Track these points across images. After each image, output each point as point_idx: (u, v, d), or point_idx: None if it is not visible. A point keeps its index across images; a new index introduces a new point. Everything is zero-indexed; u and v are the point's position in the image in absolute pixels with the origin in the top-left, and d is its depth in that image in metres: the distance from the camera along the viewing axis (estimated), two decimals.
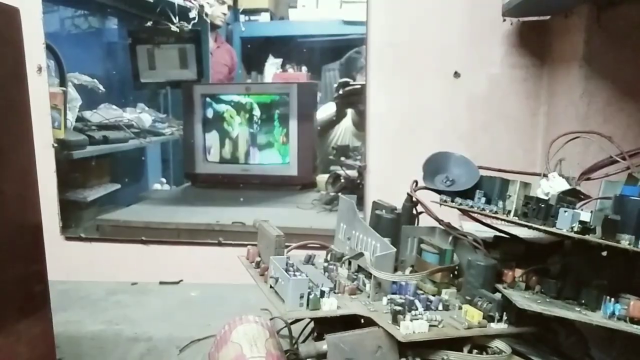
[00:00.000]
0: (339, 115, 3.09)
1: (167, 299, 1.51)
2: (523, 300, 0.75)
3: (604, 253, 0.79)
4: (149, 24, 3.13)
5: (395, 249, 0.85)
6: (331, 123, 3.04)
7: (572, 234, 0.69)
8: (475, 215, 0.93)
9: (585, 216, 0.68)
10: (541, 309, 0.71)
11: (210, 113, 2.72)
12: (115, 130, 2.59)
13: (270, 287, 0.85)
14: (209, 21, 3.43)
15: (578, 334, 0.84)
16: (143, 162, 3.40)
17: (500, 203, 0.87)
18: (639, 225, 0.70)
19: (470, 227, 1.09)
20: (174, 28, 3.15)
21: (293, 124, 2.61)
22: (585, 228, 0.69)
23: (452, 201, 0.94)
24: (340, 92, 2.89)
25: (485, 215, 0.88)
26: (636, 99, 1.36)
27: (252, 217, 2.13)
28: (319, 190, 2.51)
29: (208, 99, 2.72)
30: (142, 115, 3.11)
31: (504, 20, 1.53)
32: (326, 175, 2.47)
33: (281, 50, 4.71)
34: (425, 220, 1.06)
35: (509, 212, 0.83)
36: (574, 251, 0.82)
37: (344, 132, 3.00)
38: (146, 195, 2.80)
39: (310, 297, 0.77)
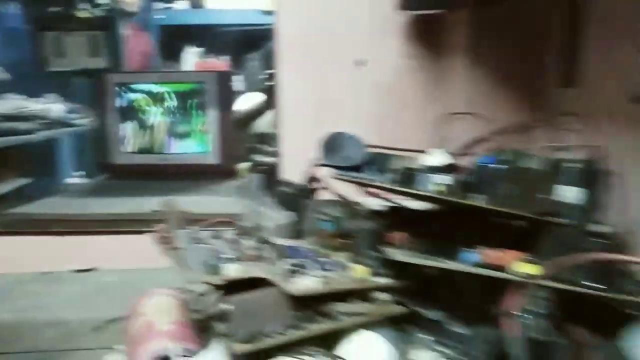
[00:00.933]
0: (269, 105, 3.15)
1: (82, 286, 1.50)
2: (399, 255, 0.87)
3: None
4: (56, 9, 2.98)
5: (292, 218, 0.93)
6: (257, 112, 3.09)
7: (432, 195, 0.82)
8: (365, 186, 1.04)
9: (443, 179, 0.80)
10: (410, 260, 0.83)
11: (125, 102, 2.66)
12: (23, 122, 2.46)
13: (177, 257, 0.90)
14: (122, 8, 3.32)
15: (451, 286, 0.98)
16: (55, 154, 3.24)
17: (385, 175, 0.98)
18: (491, 187, 0.84)
19: (371, 201, 1.21)
20: (83, 14, 3.03)
21: (213, 113, 2.62)
22: (443, 190, 0.81)
23: (346, 175, 1.04)
24: (271, 82, 2.96)
25: (374, 186, 0.99)
26: (511, 84, 1.54)
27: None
28: (241, 178, 2.56)
29: (123, 88, 2.66)
30: (53, 106, 2.96)
31: (399, 13, 1.67)
32: (247, 163, 2.52)
33: (201, 38, 4.63)
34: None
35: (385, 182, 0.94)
36: (442, 215, 0.95)
37: (267, 121, 3.07)
38: (61, 188, 2.70)
39: (213, 263, 0.84)
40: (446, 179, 0.81)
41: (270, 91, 2.96)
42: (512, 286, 0.76)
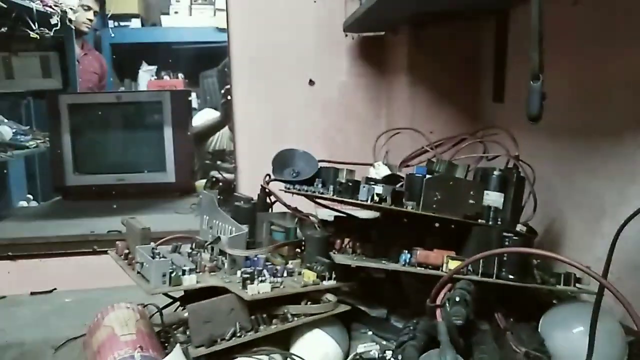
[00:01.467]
0: (225, 121, 3.23)
1: (40, 308, 1.53)
2: (344, 259, 0.98)
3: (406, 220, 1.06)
4: (4, 29, 2.97)
5: (246, 230, 1.03)
6: (213, 129, 3.16)
7: (369, 203, 0.93)
8: (313, 198, 1.15)
9: (379, 190, 0.92)
10: (352, 263, 0.95)
11: (78, 123, 2.67)
12: None
13: (137, 272, 0.98)
14: (73, 27, 3.33)
15: (398, 287, 1.09)
16: (4, 177, 3.20)
17: (332, 187, 1.09)
18: (419, 194, 0.96)
19: (322, 213, 1.32)
20: (33, 35, 3.03)
21: (168, 132, 2.68)
22: (380, 199, 0.93)
23: (296, 189, 1.15)
24: (228, 98, 3.04)
25: (320, 197, 1.10)
26: (449, 100, 1.70)
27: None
28: (198, 195, 2.61)
29: (75, 109, 2.67)
30: (1, 128, 2.94)
31: (346, 35, 1.81)
32: (204, 180, 2.59)
33: (155, 57, 4.69)
34: (278, 208, 1.26)
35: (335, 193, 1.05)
36: (384, 221, 1.07)
37: (221, 137, 3.15)
38: (10, 213, 2.67)
39: (172, 275, 0.92)
40: (384, 189, 0.93)
41: (225, 108, 3.05)
42: (440, 280, 0.88)
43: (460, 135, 1.34)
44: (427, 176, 0.96)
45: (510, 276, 0.92)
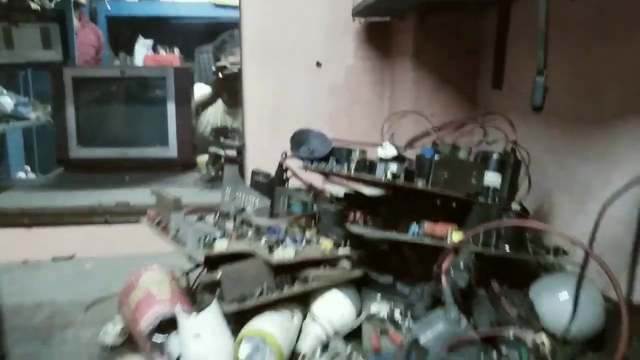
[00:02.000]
0: (215, 97, 3.31)
1: (63, 272, 1.64)
2: (360, 229, 1.10)
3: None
4: (5, 0, 2.98)
5: (269, 202, 1.15)
6: (205, 104, 3.24)
7: (385, 180, 1.06)
8: (329, 175, 1.27)
9: (394, 168, 1.04)
10: (368, 233, 1.07)
11: (82, 97, 2.73)
12: None
13: (172, 237, 1.09)
14: None
15: (401, 257, 1.22)
16: (2, 149, 3.25)
17: (346, 165, 1.21)
18: (428, 173, 1.09)
19: (333, 189, 1.44)
20: (34, 5, 3.05)
21: (171, 107, 2.76)
22: (394, 176, 1.05)
23: (312, 166, 1.26)
24: (220, 75, 3.12)
25: (337, 175, 1.22)
26: (452, 85, 1.82)
27: (135, 198, 2.24)
28: (199, 171, 2.71)
29: (80, 83, 2.72)
30: (2, 99, 2.99)
31: (354, 19, 1.90)
32: (206, 156, 2.68)
33: (151, 31, 4.71)
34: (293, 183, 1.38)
35: (351, 170, 1.17)
36: (392, 198, 1.19)
37: (216, 111, 3.23)
38: (10, 184, 2.74)
39: (206, 240, 1.04)
40: (395, 168, 1.05)
41: (220, 83, 3.13)
42: (445, 250, 1.01)
43: (461, 120, 1.46)
44: (436, 157, 1.09)
45: (507, 248, 1.06)
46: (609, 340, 1.03)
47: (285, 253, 1.05)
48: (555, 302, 1.04)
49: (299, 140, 1.32)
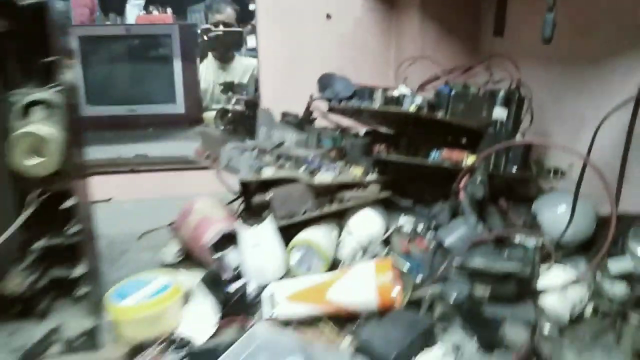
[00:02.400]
0: (202, 56, 3.43)
1: (105, 212, 1.79)
2: (387, 156, 1.28)
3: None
4: None
5: (305, 135, 1.31)
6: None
7: (411, 111, 1.23)
8: (357, 113, 1.43)
9: (418, 101, 1.21)
10: (391, 159, 1.25)
11: (90, 55, 2.81)
12: None
13: (224, 168, 1.26)
14: None
15: (418, 184, 1.41)
16: None
17: (369, 102, 1.37)
18: (447, 106, 1.26)
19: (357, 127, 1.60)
20: None
21: (177, 64, 2.87)
22: (419, 108, 1.22)
23: (342, 105, 1.42)
24: (205, 37, 3.24)
25: (366, 110, 1.37)
26: (455, 34, 1.97)
27: (150, 151, 2.38)
28: (206, 126, 2.84)
29: (87, 41, 2.80)
30: None
31: None
32: (212, 112, 2.81)
33: None
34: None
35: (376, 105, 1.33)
36: (411, 132, 1.37)
37: (207, 68, 3.34)
38: None
39: (255, 167, 1.21)
40: (420, 100, 1.22)
41: (206, 43, 3.25)
42: (461, 172, 1.20)
43: (469, 64, 1.62)
44: (453, 91, 1.26)
45: (514, 169, 1.25)
46: (595, 244, 1.23)
47: (323, 177, 1.22)
48: (554, 213, 1.24)
49: (325, 83, 1.47)
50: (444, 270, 1.05)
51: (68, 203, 0.92)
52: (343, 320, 0.99)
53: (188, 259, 1.30)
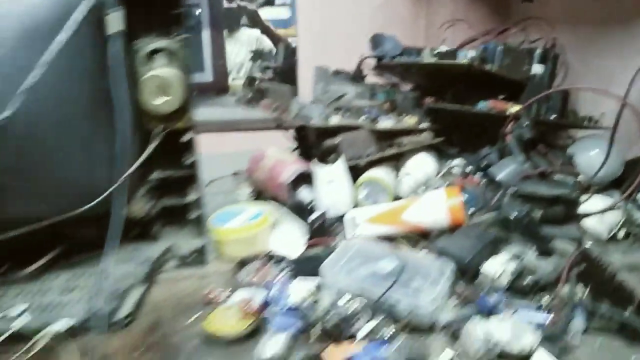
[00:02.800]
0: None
1: None
2: (439, 105, 1.45)
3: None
4: None
5: (360, 90, 1.47)
6: None
7: (464, 63, 1.39)
8: (409, 67, 1.58)
9: (472, 54, 1.37)
10: (446, 107, 1.42)
11: None
12: None
13: (294, 117, 1.42)
14: None
15: (463, 134, 1.57)
16: None
17: (418, 58, 1.53)
18: (493, 60, 1.42)
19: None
20: None
21: (206, 33, 2.98)
22: (472, 60, 1.38)
23: (395, 61, 1.58)
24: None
25: (419, 64, 1.53)
26: (484, 1, 2.12)
27: None
28: (234, 94, 2.98)
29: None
30: None
31: None
32: (242, 80, 2.94)
33: None
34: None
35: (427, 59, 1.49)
36: (461, 81, 1.53)
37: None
38: None
39: (322, 115, 1.37)
40: (476, 52, 1.38)
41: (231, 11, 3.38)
42: (508, 118, 1.36)
43: (505, 26, 1.78)
44: (499, 47, 1.42)
45: (553, 117, 1.42)
46: (624, 182, 1.41)
47: (384, 124, 1.39)
48: (588, 155, 1.41)
49: (376, 42, 1.62)
50: (497, 200, 1.23)
51: (186, 137, 1.08)
52: (415, 239, 1.16)
53: (259, 198, 1.46)
